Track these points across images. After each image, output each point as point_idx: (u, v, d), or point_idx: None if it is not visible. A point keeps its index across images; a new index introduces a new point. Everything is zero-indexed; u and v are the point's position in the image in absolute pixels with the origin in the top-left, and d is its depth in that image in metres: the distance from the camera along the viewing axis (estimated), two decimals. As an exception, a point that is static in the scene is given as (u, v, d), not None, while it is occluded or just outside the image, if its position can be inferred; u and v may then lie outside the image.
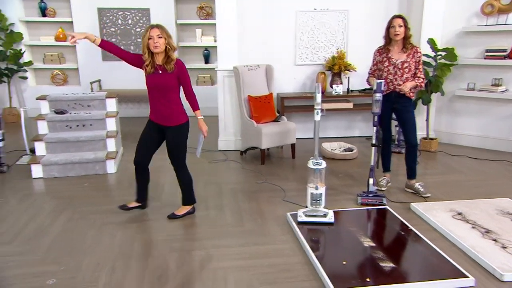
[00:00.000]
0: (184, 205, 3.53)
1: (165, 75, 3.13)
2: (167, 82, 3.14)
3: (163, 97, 3.18)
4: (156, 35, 3.03)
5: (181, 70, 3.17)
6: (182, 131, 3.32)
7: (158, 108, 3.22)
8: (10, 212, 3.60)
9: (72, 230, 3.27)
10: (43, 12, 7.16)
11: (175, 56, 3.16)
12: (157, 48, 3.04)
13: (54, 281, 2.57)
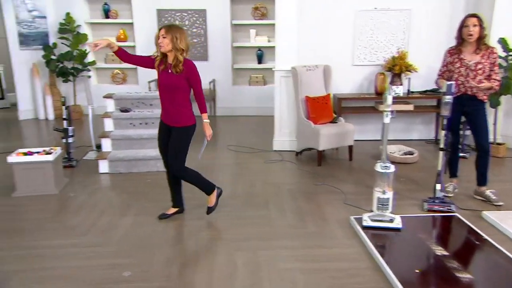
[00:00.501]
0: (209, 195, 3.46)
1: (173, 75, 3.13)
2: (174, 82, 3.13)
3: (170, 97, 3.19)
4: (161, 35, 3.07)
5: (190, 71, 3.14)
6: (186, 133, 3.27)
7: (167, 107, 3.24)
8: (82, 206, 3.80)
9: (140, 225, 3.40)
10: (107, 14, 7.51)
11: (181, 58, 3.08)
12: (162, 48, 3.09)
13: (130, 274, 2.68)
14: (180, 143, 3.26)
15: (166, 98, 3.22)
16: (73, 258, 2.88)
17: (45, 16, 7.20)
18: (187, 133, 3.27)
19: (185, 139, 3.27)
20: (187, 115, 3.24)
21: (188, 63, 3.12)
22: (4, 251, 2.98)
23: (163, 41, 3.05)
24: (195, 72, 3.17)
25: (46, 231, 3.29)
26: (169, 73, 3.14)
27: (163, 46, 3.06)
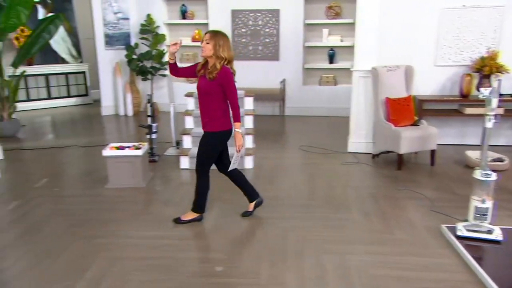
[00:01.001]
0: (191, 210, 3.45)
1: (207, 80, 3.13)
2: (207, 88, 3.14)
3: (204, 102, 3.22)
4: (205, 40, 3.08)
5: (225, 79, 3.09)
6: (212, 139, 3.26)
7: (202, 112, 3.26)
8: (169, 199, 3.98)
9: (226, 221, 3.49)
10: (183, 15, 7.80)
11: (219, 66, 3.05)
12: (203, 52, 3.10)
13: (222, 269, 2.76)
14: (204, 148, 3.28)
15: (201, 103, 3.26)
16: (167, 249, 3.02)
17: (128, 17, 7.63)
18: (213, 138, 3.26)
19: (209, 144, 3.27)
20: (216, 121, 3.21)
21: (224, 71, 3.08)
22: (104, 238, 3.20)
23: (205, 46, 3.06)
24: (228, 80, 3.10)
25: (139, 222, 3.48)
26: (205, 78, 3.18)
27: (205, 51, 3.08)
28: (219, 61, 3.05)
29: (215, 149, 3.31)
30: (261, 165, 4.92)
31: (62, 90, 8.74)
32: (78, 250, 3.02)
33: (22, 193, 4.06)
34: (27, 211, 3.65)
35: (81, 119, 7.85)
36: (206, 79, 3.13)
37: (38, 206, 3.77)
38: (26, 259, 2.88)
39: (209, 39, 3.05)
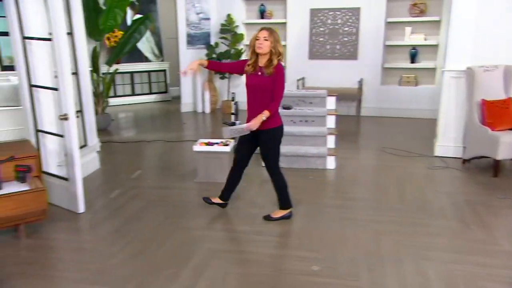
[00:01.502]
0: (280, 209, 3.49)
1: (263, 77, 3.13)
2: (263, 84, 3.13)
3: (258, 99, 3.18)
4: (263, 37, 3.06)
5: (279, 74, 3.12)
6: (274, 135, 3.29)
7: (253, 109, 3.21)
8: (256, 196, 4.06)
9: (314, 221, 3.48)
10: (262, 14, 7.90)
11: (276, 61, 3.10)
12: (260, 49, 3.07)
13: (319, 268, 2.76)
14: (268, 145, 3.30)
15: (253, 100, 3.23)
16: (261, 245, 3.09)
17: (209, 18, 7.89)
18: (275, 134, 3.29)
19: (274, 141, 3.31)
20: (274, 116, 3.22)
21: (279, 66, 3.13)
22: (200, 230, 3.34)
23: (263, 43, 3.06)
24: (282, 74, 3.16)
25: (229, 216, 3.59)
26: (258, 75, 3.16)
27: (263, 48, 3.07)
28: (276, 56, 3.10)
29: (280, 142, 3.36)
30: (343, 166, 4.85)
31: (144, 87, 9.25)
32: (178, 240, 3.17)
33: (120, 183, 4.35)
34: (127, 200, 3.91)
35: (162, 115, 8.25)
36: (259, 76, 3.15)
37: (136, 196, 4.02)
38: (132, 246, 3.08)
39: (268, 35, 3.07)
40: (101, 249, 3.03)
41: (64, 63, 3.28)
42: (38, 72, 3.65)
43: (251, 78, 3.21)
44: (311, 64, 7.77)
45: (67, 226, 3.40)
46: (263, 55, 3.11)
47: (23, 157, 3.05)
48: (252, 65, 3.17)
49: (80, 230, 3.39)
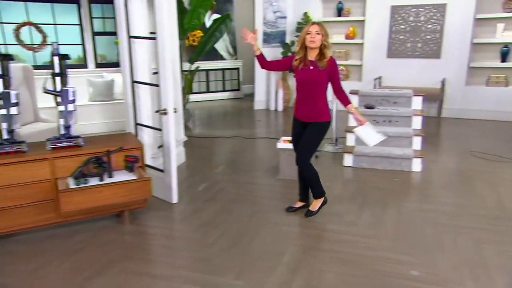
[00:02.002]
0: (316, 199, 3.51)
1: (316, 71, 3.15)
2: (316, 78, 3.15)
3: (310, 93, 3.21)
4: (315, 31, 3.08)
5: (333, 67, 3.18)
6: (321, 129, 3.31)
7: (304, 104, 3.26)
8: (342, 195, 4.02)
9: (406, 224, 3.38)
10: (339, 12, 7.79)
11: (329, 54, 3.15)
12: (313, 43, 3.08)
13: (419, 274, 2.67)
14: (314, 138, 3.31)
15: (305, 95, 3.25)
16: (353, 245, 3.05)
17: (286, 16, 7.92)
18: (323, 129, 3.32)
19: (318, 135, 3.32)
20: (324, 111, 3.28)
21: (332, 59, 3.18)
22: (289, 226, 3.37)
23: (316, 37, 3.08)
24: (336, 68, 3.23)
25: (317, 214, 3.57)
26: (310, 69, 3.17)
27: (315, 42, 3.09)
28: (329, 50, 3.14)
29: (324, 137, 3.38)
30: (430, 169, 4.65)
31: (218, 85, 9.52)
32: (268, 234, 3.24)
33: (206, 177, 4.52)
34: (215, 194, 4.05)
35: (236, 112, 8.44)
36: (311, 70, 3.17)
37: (222, 190, 4.15)
38: (225, 238, 3.19)
39: (319, 29, 3.10)
40: (197, 239, 3.17)
41: (166, 60, 3.47)
42: (139, 69, 3.89)
43: (303, 73, 3.22)
44: (389, 62, 7.53)
45: (163, 215, 3.60)
46: (313, 49, 3.14)
47: (130, 148, 3.27)
48: (301, 60, 3.19)
49: (175, 219, 3.57)
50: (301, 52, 3.19)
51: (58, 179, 3.05)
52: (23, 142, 3.07)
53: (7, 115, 3.01)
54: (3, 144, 3.01)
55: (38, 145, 3.18)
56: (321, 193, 3.51)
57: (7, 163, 2.89)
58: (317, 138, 3.33)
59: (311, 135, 3.31)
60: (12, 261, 2.85)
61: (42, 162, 3.00)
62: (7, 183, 2.90)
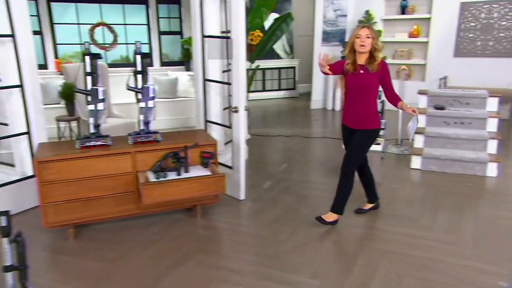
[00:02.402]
0: (333, 212, 3.32)
1: (366, 75, 3.04)
2: (367, 82, 3.05)
3: (360, 98, 3.10)
4: (365, 35, 2.98)
5: (384, 70, 3.07)
6: (371, 136, 3.18)
7: (353, 110, 3.15)
8: (410, 198, 3.90)
9: (486, 232, 3.21)
10: (403, 10, 7.55)
11: (380, 57, 3.04)
12: (363, 48, 2.99)
13: (508, 286, 2.53)
14: (362, 147, 3.19)
15: (355, 100, 3.13)
16: (431, 250, 2.94)
17: (346, 14, 7.79)
18: (372, 136, 3.19)
19: (367, 143, 3.20)
20: (374, 117, 3.16)
21: (383, 61, 3.07)
22: (364, 228, 3.32)
23: (366, 41, 2.98)
24: (388, 70, 3.10)
25: (387, 217, 3.50)
26: (361, 73, 3.06)
27: (366, 46, 2.99)
28: (380, 53, 3.03)
29: (371, 145, 3.26)
30: (507, 174, 4.39)
31: (274, 83, 9.55)
32: (339, 235, 3.21)
33: (270, 175, 4.55)
34: (280, 192, 4.07)
35: (292, 111, 8.43)
36: (361, 75, 3.05)
37: (287, 188, 4.16)
38: (295, 237, 3.18)
39: (369, 33, 3.00)
40: (268, 236, 3.20)
41: (240, 59, 3.53)
42: (210, 67, 3.99)
43: (353, 78, 3.10)
44: (456, 62, 7.19)
45: (232, 211, 3.66)
46: (362, 53, 3.04)
47: (204, 144, 3.36)
48: (352, 64, 3.08)
49: (244, 216, 3.62)
50: (350, 57, 3.10)
51: (138, 172, 3.19)
52: (107, 136, 3.25)
53: (94, 110, 3.19)
54: (89, 138, 3.21)
55: (119, 140, 3.35)
56: (341, 210, 3.31)
57: (95, 155, 3.07)
58: (366, 146, 3.22)
59: (359, 143, 3.18)
60: (98, 247, 3.02)
61: (125, 155, 3.16)
62: (94, 174, 3.08)
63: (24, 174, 3.64)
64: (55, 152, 3.07)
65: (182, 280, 2.64)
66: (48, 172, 2.95)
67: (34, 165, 2.96)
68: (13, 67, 3.39)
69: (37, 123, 3.56)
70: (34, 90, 3.52)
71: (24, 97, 3.46)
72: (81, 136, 3.25)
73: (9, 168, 3.76)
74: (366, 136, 3.17)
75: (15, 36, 3.31)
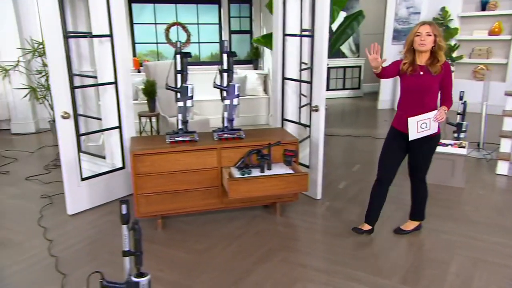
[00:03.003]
0: (414, 220, 3.21)
1: (426, 76, 2.77)
2: (427, 85, 2.78)
3: (419, 102, 2.81)
4: (425, 32, 2.70)
5: (447, 73, 2.78)
6: (433, 143, 2.93)
7: (410, 113, 2.82)
8: (501, 206, 3.68)
9: None
10: (483, 6, 7.12)
11: (443, 58, 2.76)
12: (422, 46, 2.71)
13: None
14: (425, 153, 2.98)
15: (413, 103, 2.85)
16: (531, 263, 2.77)
17: (419, 12, 7.49)
18: (433, 142, 2.94)
19: (431, 149, 2.98)
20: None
21: (446, 63, 2.78)
22: (448, 234, 3.18)
23: (426, 39, 2.71)
24: (450, 73, 2.82)
25: (473, 224, 3.33)
26: (420, 75, 2.79)
27: (426, 45, 2.72)
28: (442, 52, 2.76)
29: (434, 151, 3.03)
30: None
31: (338, 83, 9.41)
32: (427, 241, 3.10)
33: (344, 175, 4.49)
34: (356, 193, 4.00)
35: (358, 111, 8.26)
36: (421, 77, 2.78)
37: (363, 190, 4.06)
38: (381, 240, 3.12)
39: (430, 30, 2.72)
40: (350, 237, 3.15)
41: (323, 57, 3.52)
42: (289, 66, 4.00)
43: (411, 80, 2.83)
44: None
45: (309, 209, 3.66)
46: (422, 53, 2.76)
47: (287, 143, 3.38)
48: (410, 64, 2.81)
49: (323, 215, 3.60)
50: (409, 56, 2.83)
51: (223, 168, 3.28)
52: (194, 132, 3.37)
53: (183, 107, 3.32)
54: (177, 133, 3.34)
55: (205, 136, 3.46)
56: (421, 217, 3.22)
57: (184, 150, 3.20)
58: (430, 154, 3.00)
59: (422, 154, 2.97)
60: (184, 238, 3.15)
61: (211, 151, 3.25)
62: (183, 168, 3.21)
63: (114, 166, 3.87)
64: (146, 146, 3.23)
65: (268, 276, 2.68)
66: (142, 164, 3.12)
67: (130, 158, 3.13)
68: (109, 65, 3.61)
69: (127, 118, 3.77)
70: (126, 87, 3.72)
71: (117, 94, 3.67)
72: (170, 132, 3.40)
73: (100, 160, 4.01)
74: (428, 146, 2.93)
75: (113, 36, 3.52)
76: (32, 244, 3.06)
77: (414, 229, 3.22)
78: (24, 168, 4.67)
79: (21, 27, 5.83)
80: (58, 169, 4.58)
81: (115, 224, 3.36)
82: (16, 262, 2.81)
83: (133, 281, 1.89)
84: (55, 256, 2.88)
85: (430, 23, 2.79)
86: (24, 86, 5.48)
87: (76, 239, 3.13)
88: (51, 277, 2.65)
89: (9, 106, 6.04)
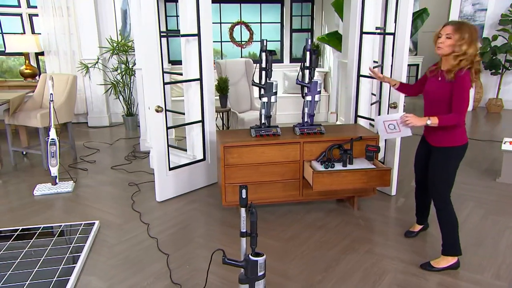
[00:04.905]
0: (445, 255, 2.71)
1: (442, 83, 2.53)
2: (439, 92, 2.54)
3: (433, 109, 2.59)
4: (445, 34, 2.44)
5: (457, 83, 2.42)
6: (448, 156, 2.58)
7: None
8: None
9: None
10: (557, 2, 6.82)
11: (463, 64, 2.39)
12: (439, 50, 2.49)
13: None
14: (438, 166, 2.64)
15: (425, 108, 2.70)
16: None
17: (486, 8, 7.27)
18: (450, 155, 2.59)
19: (446, 163, 2.60)
20: (451, 133, 2.56)
21: (459, 71, 2.42)
22: None
23: (444, 42, 2.44)
24: (461, 85, 2.41)
25: None
26: (438, 81, 2.58)
27: (442, 48, 2.47)
28: (465, 61, 2.40)
29: (455, 166, 2.62)
30: None
31: (395, 81, 9.29)
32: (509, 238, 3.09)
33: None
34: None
35: (418, 109, 8.12)
36: (438, 82, 2.58)
37: (438, 187, 4.08)
38: (463, 235, 3.13)
39: (451, 32, 2.42)
40: (433, 233, 3.18)
41: (405, 55, 3.59)
42: (363, 63, 4.06)
43: (429, 83, 2.67)
44: None
45: (385, 205, 3.71)
46: (446, 57, 2.50)
47: (368, 138, 3.46)
48: (437, 68, 2.65)
49: (398, 210, 3.64)
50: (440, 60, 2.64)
51: (304, 161, 3.41)
52: (277, 127, 3.52)
53: (267, 102, 3.48)
54: (261, 128, 3.50)
55: (286, 130, 3.60)
56: (452, 251, 2.69)
57: (269, 143, 3.36)
58: (444, 168, 2.61)
59: (435, 166, 2.66)
60: (269, 228, 3.30)
61: (294, 145, 3.39)
62: (267, 160, 3.37)
63: (195, 158, 4.10)
64: (234, 138, 3.42)
65: (357, 266, 2.77)
66: (231, 156, 3.30)
67: (220, 150, 3.33)
68: (195, 63, 3.84)
69: (209, 113, 3.98)
70: (209, 83, 3.94)
71: (201, 89, 3.89)
72: (254, 126, 3.56)
73: (181, 152, 4.26)
74: (442, 157, 2.61)
75: (200, 35, 3.74)
76: (131, 226, 3.33)
77: (449, 267, 2.69)
78: (107, 158, 5.03)
79: (99, 28, 6.23)
80: (137, 159, 4.92)
81: (199, 211, 3.59)
82: (121, 242, 3.08)
83: (251, 259, 2.06)
84: (154, 238, 3.13)
85: (456, 24, 2.46)
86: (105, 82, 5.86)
87: (168, 224, 3.37)
88: (155, 255, 2.89)
89: (87, 101, 6.48)
